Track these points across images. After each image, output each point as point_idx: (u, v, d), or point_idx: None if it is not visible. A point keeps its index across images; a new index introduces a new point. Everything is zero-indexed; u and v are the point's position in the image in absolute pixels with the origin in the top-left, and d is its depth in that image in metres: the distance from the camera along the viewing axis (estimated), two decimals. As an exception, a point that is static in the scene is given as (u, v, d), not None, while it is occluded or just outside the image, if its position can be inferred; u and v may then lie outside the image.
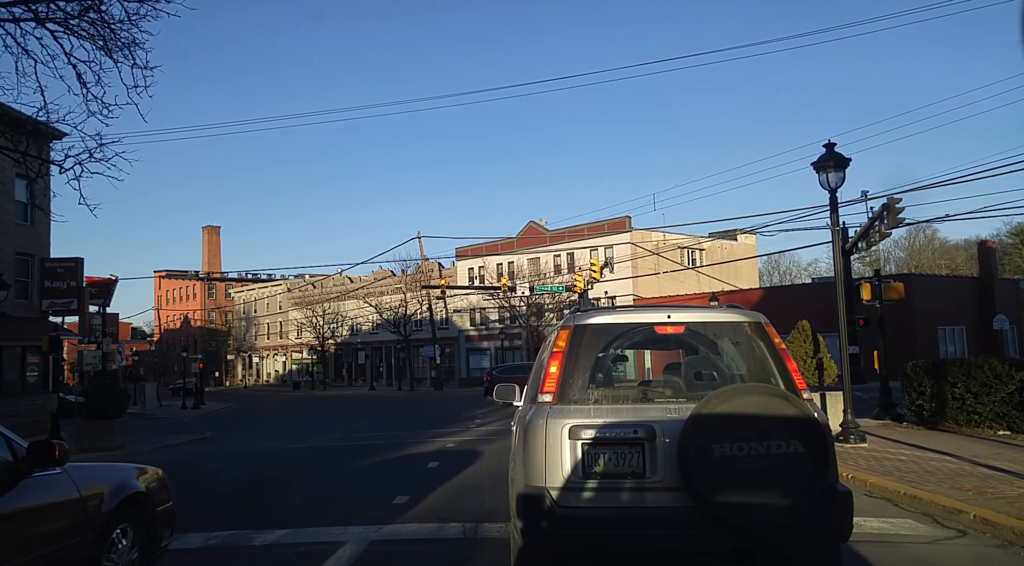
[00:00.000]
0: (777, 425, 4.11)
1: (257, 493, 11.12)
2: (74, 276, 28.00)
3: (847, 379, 12.46)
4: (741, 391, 4.30)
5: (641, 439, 4.30)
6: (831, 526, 4.25)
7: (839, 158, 12.45)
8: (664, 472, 4.26)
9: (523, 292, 43.15)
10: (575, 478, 4.30)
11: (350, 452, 16.63)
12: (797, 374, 4.73)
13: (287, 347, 79.87)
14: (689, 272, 51.94)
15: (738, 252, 55.35)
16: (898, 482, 8.25)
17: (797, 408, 4.21)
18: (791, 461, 4.06)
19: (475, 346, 60.03)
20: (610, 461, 4.32)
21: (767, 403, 4.21)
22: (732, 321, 5.03)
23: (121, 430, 20.49)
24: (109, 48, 12.52)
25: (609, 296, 49.93)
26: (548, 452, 4.35)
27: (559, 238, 54.09)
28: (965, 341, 37.99)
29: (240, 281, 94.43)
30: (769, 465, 4.05)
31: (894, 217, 20.00)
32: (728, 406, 4.16)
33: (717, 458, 4.05)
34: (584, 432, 4.35)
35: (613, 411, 4.49)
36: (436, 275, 58.83)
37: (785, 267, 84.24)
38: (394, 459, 14.39)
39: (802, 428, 4.14)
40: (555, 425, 4.39)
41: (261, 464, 15.24)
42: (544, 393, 4.61)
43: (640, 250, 49.62)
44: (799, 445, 4.09)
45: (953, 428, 13.38)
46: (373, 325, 66.37)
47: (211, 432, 26.74)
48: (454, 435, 19.15)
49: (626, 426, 4.34)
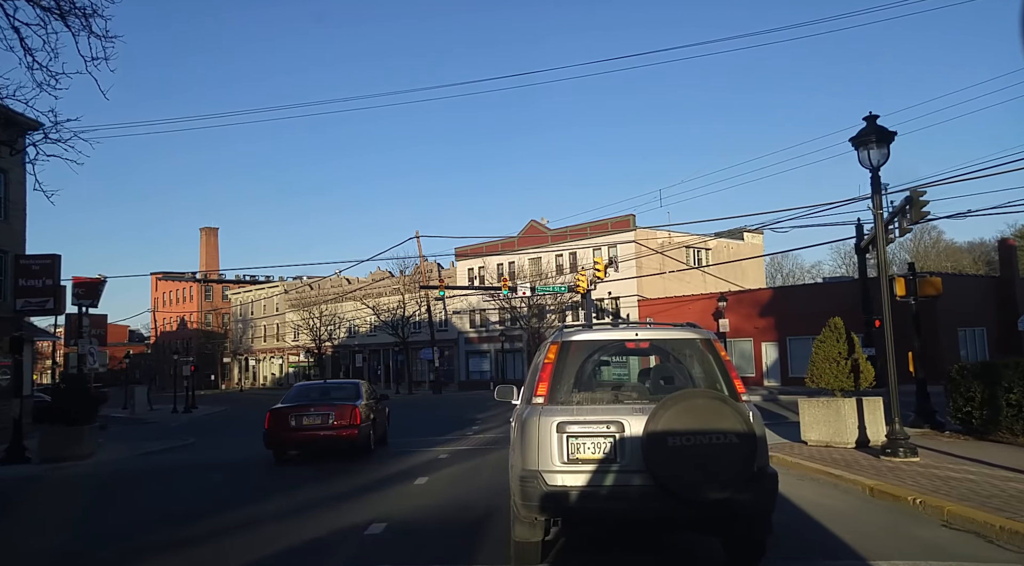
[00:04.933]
0: (718, 419, 5.10)
1: (199, 523, 9.15)
2: (50, 274, 26.54)
3: (894, 384, 10.95)
4: (691, 395, 5.34)
5: (613, 432, 5.35)
6: (760, 500, 5.21)
7: (882, 132, 10.93)
8: (630, 458, 5.27)
9: (524, 292, 41.62)
10: (561, 463, 5.34)
11: (338, 461, 15.14)
12: (738, 381, 5.72)
13: (284, 350, 78.37)
14: (695, 272, 50.39)
15: (744, 252, 53.81)
16: (986, 511, 6.75)
17: (734, 408, 5.19)
18: (728, 449, 5.04)
19: (475, 348, 58.47)
20: (588, 449, 5.37)
21: (710, 404, 5.20)
22: (687, 338, 6.12)
23: (91, 438, 18.98)
24: (63, 11, 11.02)
25: (613, 297, 48.37)
26: (540, 442, 5.39)
27: (561, 237, 52.55)
28: (986, 343, 36.36)
29: (237, 283, 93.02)
30: (711, 452, 5.04)
31: (918, 210, 18.38)
32: (683, 405, 5.16)
33: (671, 447, 5.05)
34: (569, 427, 5.40)
35: (591, 410, 5.54)
36: (435, 276, 57.33)
37: (788, 269, 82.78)
38: (378, 475, 12.88)
39: (737, 422, 5.10)
40: (546, 422, 5.43)
41: (227, 481, 13.75)
42: (537, 396, 5.68)
43: (645, 249, 48.07)
44: (734, 437, 5.05)
45: (1008, 439, 11.86)
46: (371, 327, 64.90)
47: (194, 438, 25.34)
48: (449, 443, 17.65)
49: (601, 422, 5.38)
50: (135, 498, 12.18)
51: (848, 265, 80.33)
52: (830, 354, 12.92)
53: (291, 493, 11.07)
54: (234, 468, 15.35)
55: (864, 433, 12.45)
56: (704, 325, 29.58)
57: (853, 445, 12.39)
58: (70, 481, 14.81)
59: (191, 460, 18.23)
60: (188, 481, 13.89)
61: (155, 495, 12.37)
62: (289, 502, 10.12)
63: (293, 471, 14.26)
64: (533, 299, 48.26)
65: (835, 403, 12.82)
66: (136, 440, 25.09)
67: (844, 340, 12.98)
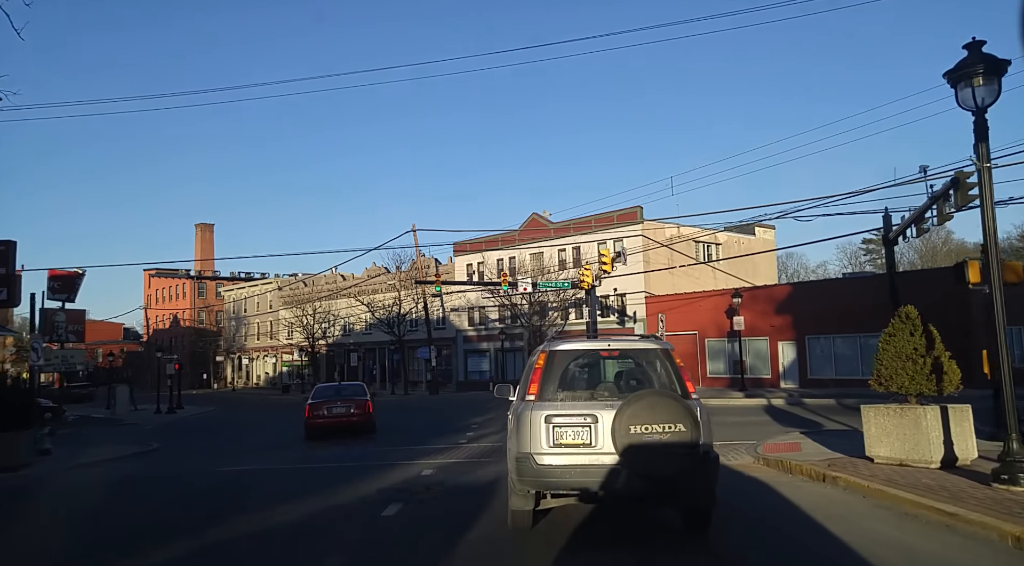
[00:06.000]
0: (670, 413, 6.43)
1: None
2: (4, 262, 24.06)
3: (1009, 387, 8.47)
4: (649, 393, 6.77)
5: (589, 423, 6.76)
6: (704, 476, 6.56)
7: (991, 62, 8.42)
8: (602, 443, 6.66)
9: (525, 288, 38.99)
10: (548, 447, 6.76)
11: (293, 481, 12.71)
12: (689, 383, 7.12)
13: (277, 348, 75.85)
14: (704, 268, 47.82)
15: (756, 247, 51.26)
16: None
17: (682, 405, 6.53)
18: (677, 437, 6.37)
19: (474, 347, 55.95)
20: (570, 436, 6.78)
21: (665, 401, 6.57)
22: (649, 348, 7.68)
23: (26, 446, 16.52)
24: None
25: (619, 293, 45.87)
26: (532, 431, 6.81)
27: (564, 231, 50.01)
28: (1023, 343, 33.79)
29: (232, 280, 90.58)
30: (664, 439, 6.38)
31: (965, 194, 15.77)
32: (643, 402, 6.53)
33: (633, 434, 6.40)
34: (554, 419, 6.82)
35: (572, 406, 6.94)
36: (433, 272, 54.80)
37: (793, 269, 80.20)
38: (344, 500, 10.38)
39: (685, 416, 6.42)
40: (536, 414, 6.86)
41: (166, 500, 11.31)
42: (530, 394, 7.10)
43: (652, 243, 45.52)
44: (682, 427, 6.39)
45: None
46: (366, 325, 62.39)
47: (163, 443, 23.06)
48: (437, 454, 15.18)
49: (580, 415, 6.81)
50: (49, 523, 9.68)
51: (855, 264, 77.56)
52: (903, 350, 10.42)
53: (210, 533, 8.59)
54: (184, 487, 12.86)
55: (951, 450, 9.96)
56: (717, 323, 27.34)
57: (938, 465, 9.90)
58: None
59: (141, 472, 15.80)
60: (111, 504, 11.43)
61: (44, 527, 9.78)
62: (196, 548, 7.66)
63: (252, 492, 11.81)
64: (534, 296, 45.75)
65: (912, 412, 10.31)
66: (94, 445, 22.77)
67: (920, 334, 10.48)
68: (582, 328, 40.95)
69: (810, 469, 10.54)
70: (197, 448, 21.30)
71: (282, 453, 17.66)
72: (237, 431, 28.06)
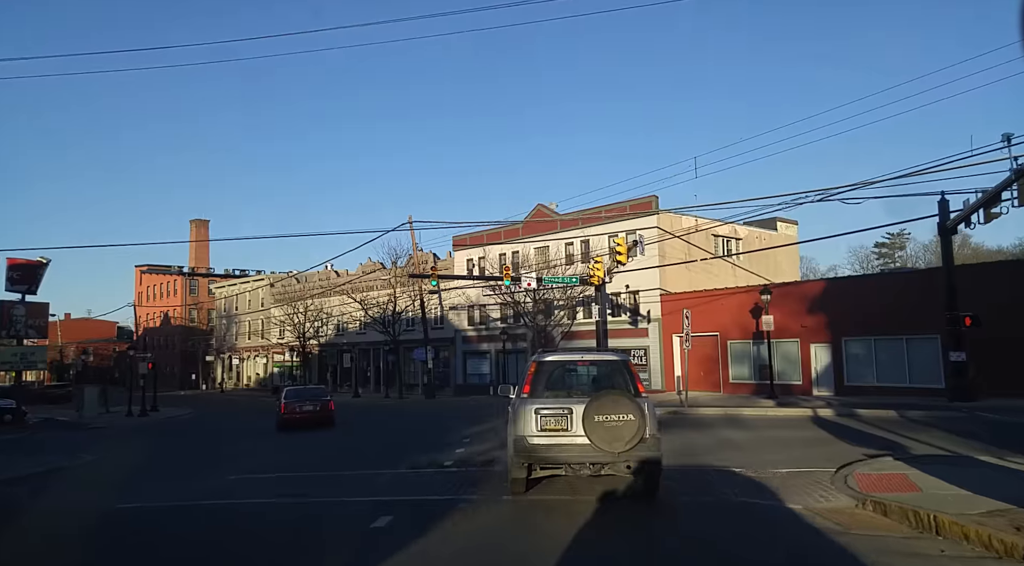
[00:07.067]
0: (623, 407, 8.84)
1: None
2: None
3: None
4: (610, 392, 9.23)
5: (566, 413, 9.17)
6: (648, 453, 9.03)
7: None
8: (576, 428, 9.02)
9: (529, 284, 35.21)
10: (536, 430, 9.17)
11: (190, 532, 9.01)
12: (640, 385, 9.80)
13: (269, 348, 72.20)
14: (724, 264, 44.00)
15: (778, 243, 47.45)
16: None
17: (632, 401, 8.93)
18: (629, 424, 8.78)
19: (474, 348, 52.21)
20: (552, 423, 9.18)
21: (621, 399, 8.97)
22: (610, 360, 10.56)
23: None
24: None
25: (631, 290, 42.03)
26: (525, 419, 9.25)
27: (571, 223, 46.17)
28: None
29: (225, 277, 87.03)
30: (619, 425, 8.77)
31: None
32: (604, 399, 8.95)
33: (597, 422, 8.79)
34: (542, 410, 9.24)
35: (554, 401, 9.41)
36: (430, 267, 51.08)
37: (802, 273, 76.27)
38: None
39: (634, 409, 8.82)
40: (529, 407, 9.31)
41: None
42: (524, 392, 9.61)
43: (668, 236, 41.66)
44: (631, 416, 8.78)
45: None
46: (360, 324, 58.72)
47: (103, 454, 19.96)
48: (410, 491, 11.46)
49: (560, 407, 9.25)
50: None
51: (866, 268, 73.04)
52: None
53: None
54: (83, 526, 9.15)
55: None
56: (741, 323, 24.87)
57: None
58: None
59: (37, 504, 12.08)
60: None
61: None
62: None
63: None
64: (539, 293, 42.01)
65: None
66: (24, 454, 19.61)
67: None
68: (591, 329, 37.23)
69: (987, 534, 6.63)
70: (131, 464, 17.57)
71: (214, 477, 13.92)
72: (195, 440, 24.67)
